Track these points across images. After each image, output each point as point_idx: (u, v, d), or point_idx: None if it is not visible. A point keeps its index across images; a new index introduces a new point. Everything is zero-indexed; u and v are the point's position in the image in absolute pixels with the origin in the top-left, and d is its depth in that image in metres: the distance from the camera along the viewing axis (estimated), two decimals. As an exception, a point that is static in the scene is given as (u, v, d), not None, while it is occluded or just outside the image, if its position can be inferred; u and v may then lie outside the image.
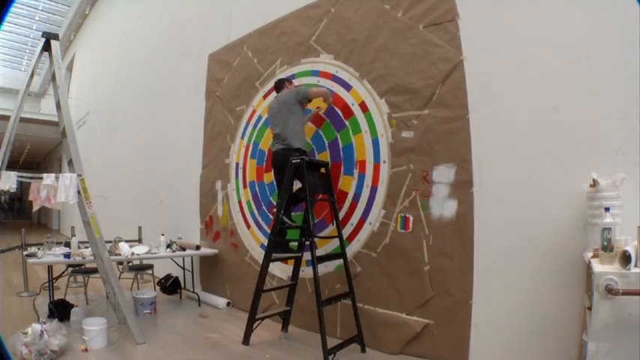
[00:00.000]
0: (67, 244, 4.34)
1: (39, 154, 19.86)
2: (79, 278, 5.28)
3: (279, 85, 3.98)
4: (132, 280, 5.45)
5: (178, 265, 5.21)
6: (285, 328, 3.82)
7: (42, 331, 2.96)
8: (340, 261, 3.45)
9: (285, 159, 3.49)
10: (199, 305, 4.86)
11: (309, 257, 3.27)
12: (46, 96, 16.75)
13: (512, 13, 2.80)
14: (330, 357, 2.97)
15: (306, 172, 3.31)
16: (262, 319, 3.59)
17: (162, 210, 6.56)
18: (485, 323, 2.82)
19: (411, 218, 3.21)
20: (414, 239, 3.17)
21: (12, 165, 3.38)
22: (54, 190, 3.28)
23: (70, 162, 3.53)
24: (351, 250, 3.58)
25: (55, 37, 3.54)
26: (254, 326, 3.50)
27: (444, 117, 3.07)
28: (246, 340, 3.46)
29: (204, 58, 5.59)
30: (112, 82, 10.00)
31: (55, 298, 4.24)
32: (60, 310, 4.00)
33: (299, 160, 3.35)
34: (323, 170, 3.62)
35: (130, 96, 8.61)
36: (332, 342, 3.19)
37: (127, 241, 4.65)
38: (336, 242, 3.52)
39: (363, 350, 3.29)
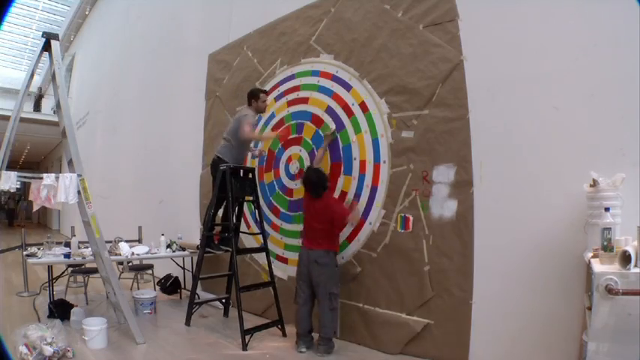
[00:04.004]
0: (67, 244, 4.34)
1: (39, 154, 19.89)
2: (79, 278, 5.28)
3: (251, 95, 4.07)
4: (132, 280, 5.46)
5: (178, 265, 5.21)
6: (226, 314, 4.42)
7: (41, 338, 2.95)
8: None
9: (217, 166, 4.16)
10: (199, 305, 4.85)
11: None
12: (46, 96, 16.75)
13: (512, 13, 2.80)
14: (248, 337, 3.40)
15: (231, 178, 3.76)
16: (200, 304, 4.28)
17: (162, 210, 6.56)
18: (485, 323, 2.82)
19: (411, 218, 3.21)
20: (414, 239, 3.17)
21: (12, 165, 3.38)
22: (54, 190, 3.27)
23: (70, 162, 3.53)
24: (351, 250, 3.59)
25: (55, 37, 3.54)
26: (192, 310, 4.08)
27: (444, 117, 3.07)
28: (187, 322, 4.01)
29: (204, 58, 5.59)
30: (112, 82, 10.00)
31: (55, 298, 4.24)
32: (60, 310, 4.00)
33: (225, 167, 3.80)
34: (250, 175, 4.06)
35: (130, 96, 8.61)
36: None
37: (127, 241, 4.65)
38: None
39: (284, 335, 3.68)
